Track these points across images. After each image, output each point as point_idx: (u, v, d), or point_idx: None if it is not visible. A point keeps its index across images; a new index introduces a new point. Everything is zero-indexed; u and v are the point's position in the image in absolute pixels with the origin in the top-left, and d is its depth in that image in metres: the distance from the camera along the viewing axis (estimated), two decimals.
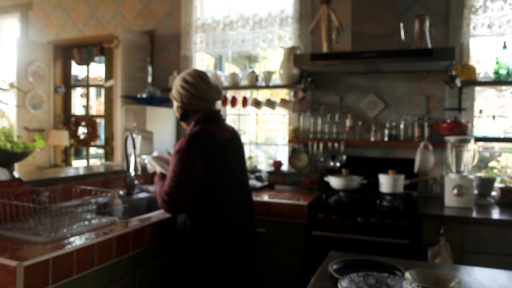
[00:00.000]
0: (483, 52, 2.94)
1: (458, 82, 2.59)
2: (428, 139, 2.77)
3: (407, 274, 1.27)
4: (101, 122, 4.34)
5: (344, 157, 2.92)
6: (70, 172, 2.57)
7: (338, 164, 2.91)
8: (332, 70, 2.98)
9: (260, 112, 3.43)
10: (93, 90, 5.69)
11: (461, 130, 2.62)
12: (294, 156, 3.13)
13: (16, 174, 2.17)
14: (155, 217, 1.97)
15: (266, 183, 3.09)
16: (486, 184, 2.61)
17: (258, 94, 3.42)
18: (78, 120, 4.19)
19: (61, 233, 1.58)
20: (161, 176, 1.96)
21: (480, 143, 2.83)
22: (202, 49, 3.47)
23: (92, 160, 5.01)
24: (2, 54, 4.58)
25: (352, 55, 2.58)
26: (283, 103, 3.13)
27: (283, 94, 3.78)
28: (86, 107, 4.52)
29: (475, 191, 2.61)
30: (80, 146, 4.24)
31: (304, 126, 3.19)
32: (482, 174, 2.96)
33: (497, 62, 2.64)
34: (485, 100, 3.10)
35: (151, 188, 2.70)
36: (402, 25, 2.76)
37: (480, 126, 2.90)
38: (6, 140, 2.08)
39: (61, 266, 1.40)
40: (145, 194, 2.59)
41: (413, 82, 2.93)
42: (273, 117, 4.18)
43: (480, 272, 1.44)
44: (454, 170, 2.57)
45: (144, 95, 3.31)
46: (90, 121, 4.17)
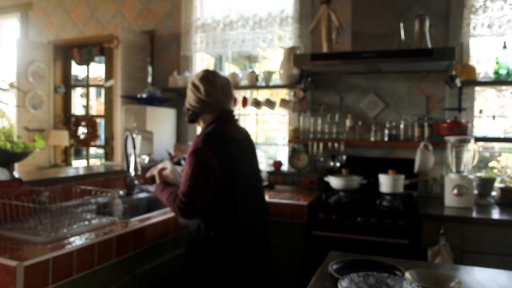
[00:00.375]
0: (483, 52, 2.94)
1: (458, 82, 2.59)
2: (428, 139, 2.77)
3: (407, 274, 1.27)
4: (101, 122, 4.34)
5: (344, 157, 2.92)
6: (70, 172, 2.57)
7: (338, 164, 2.91)
8: (332, 70, 2.98)
9: (260, 112, 3.43)
10: (93, 90, 5.68)
11: (461, 130, 2.62)
12: (294, 156, 3.13)
13: (16, 174, 2.17)
14: (155, 217, 1.97)
15: (266, 183, 3.09)
16: (486, 184, 2.61)
17: (258, 94, 3.42)
18: (78, 120, 4.19)
19: (61, 233, 1.58)
20: (164, 185, 1.86)
21: (480, 143, 2.83)
22: (202, 49, 3.47)
23: (92, 160, 5.01)
24: (2, 54, 4.58)
25: (352, 55, 2.58)
26: (283, 103, 3.14)
27: (283, 94, 3.78)
28: (86, 107, 4.52)
29: (475, 191, 2.61)
30: (80, 146, 4.24)
31: (304, 126, 3.19)
32: (482, 174, 2.96)
33: (497, 62, 2.64)
34: (485, 100, 3.10)
35: (151, 188, 2.70)
36: (402, 25, 2.76)
37: (480, 126, 2.90)
38: (6, 140, 2.08)
39: (61, 266, 1.40)
40: (145, 194, 2.59)
41: (413, 82, 2.93)
42: (273, 117, 4.18)
43: (480, 272, 1.44)
44: (454, 170, 2.57)
45: (144, 95, 3.31)
46: (90, 121, 4.17)
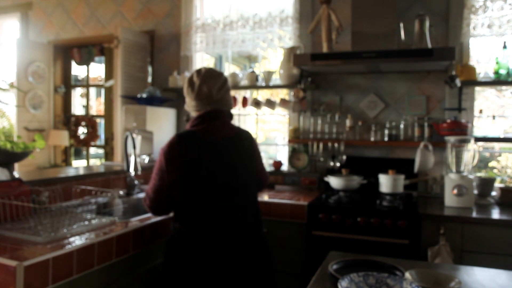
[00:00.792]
0: (483, 52, 2.94)
1: (458, 82, 2.59)
2: (428, 139, 2.77)
3: (407, 274, 1.27)
4: (101, 122, 4.34)
5: (344, 157, 2.92)
6: (70, 172, 2.57)
7: (338, 164, 2.91)
8: (332, 70, 2.98)
9: (260, 112, 3.42)
10: (93, 90, 5.68)
11: (461, 130, 2.62)
12: (294, 156, 3.13)
13: (16, 174, 2.17)
14: (155, 217, 1.97)
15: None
16: (486, 184, 2.61)
17: (258, 94, 3.42)
18: (78, 120, 4.19)
19: (61, 233, 1.58)
20: None
21: (480, 143, 2.83)
22: (202, 49, 3.47)
23: (92, 160, 5.01)
24: (2, 54, 4.58)
25: (352, 55, 2.58)
26: (283, 103, 3.13)
27: (283, 94, 3.78)
28: (86, 107, 4.52)
29: (475, 191, 2.61)
30: (80, 146, 4.24)
31: (304, 126, 3.19)
32: (482, 174, 2.96)
33: (497, 62, 2.64)
34: (485, 100, 3.10)
35: None
36: (402, 25, 2.76)
37: (480, 126, 2.90)
38: (6, 140, 2.08)
39: (61, 266, 1.40)
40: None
41: (413, 82, 2.93)
42: (273, 117, 4.18)
43: (480, 272, 1.44)
44: (454, 170, 2.57)
45: (144, 95, 3.31)
46: (90, 121, 4.17)
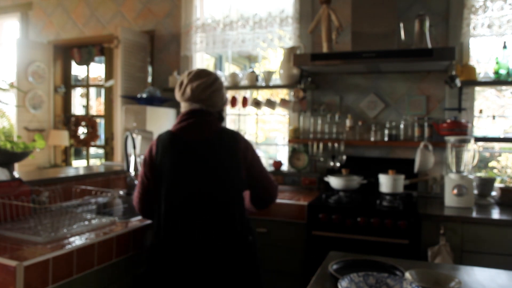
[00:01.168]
0: (483, 52, 2.94)
1: (458, 82, 2.59)
2: (428, 139, 2.77)
3: (407, 274, 1.27)
4: (101, 122, 4.34)
5: (344, 157, 2.92)
6: (70, 172, 2.57)
7: (338, 164, 2.91)
8: (332, 70, 2.98)
9: (260, 112, 3.43)
10: (93, 90, 5.68)
11: (461, 130, 2.62)
12: (294, 156, 3.13)
13: (16, 174, 2.17)
14: None
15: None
16: (486, 184, 2.61)
17: (258, 94, 3.42)
18: (78, 120, 4.19)
19: (61, 233, 1.58)
20: None
21: (480, 143, 2.83)
22: (202, 49, 3.47)
23: (92, 160, 5.01)
24: (2, 54, 4.58)
25: (352, 55, 2.58)
26: (283, 103, 3.13)
27: (283, 94, 3.78)
28: (86, 107, 4.52)
29: (475, 191, 2.61)
30: (80, 146, 4.24)
31: (304, 126, 3.19)
32: (482, 174, 2.96)
33: (497, 62, 2.64)
34: (485, 100, 3.10)
35: None
36: (402, 25, 2.76)
37: (480, 126, 2.90)
38: (6, 140, 2.08)
39: (61, 266, 1.40)
40: None
41: (413, 82, 2.93)
42: (273, 117, 4.18)
43: (480, 272, 1.44)
44: (454, 170, 2.57)
45: (144, 95, 3.31)
46: (90, 121, 4.17)
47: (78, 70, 4.89)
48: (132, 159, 2.56)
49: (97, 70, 4.87)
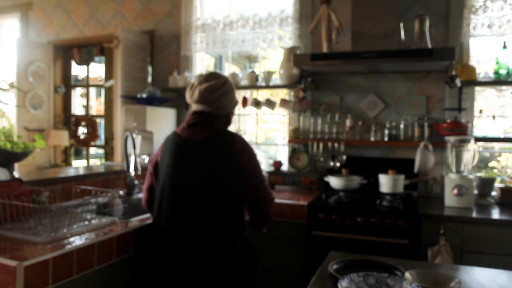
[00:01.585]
0: (483, 52, 2.94)
1: (458, 82, 2.59)
2: (428, 139, 2.77)
3: (407, 274, 1.27)
4: (101, 122, 4.34)
5: (344, 157, 2.92)
6: (70, 172, 2.57)
7: (338, 164, 2.91)
8: (332, 70, 2.98)
9: (260, 112, 3.43)
10: (93, 90, 5.68)
11: (461, 130, 2.62)
12: (294, 156, 3.13)
13: (16, 174, 2.17)
14: None
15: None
16: (486, 184, 2.61)
17: (258, 94, 3.42)
18: (78, 120, 4.19)
19: (61, 233, 1.58)
20: None
21: (480, 143, 2.83)
22: (202, 49, 3.47)
23: (92, 160, 5.01)
24: (2, 54, 4.58)
25: (352, 55, 2.58)
26: (283, 103, 3.13)
27: (283, 94, 3.78)
28: (86, 107, 4.52)
29: (475, 191, 2.61)
30: (80, 146, 4.24)
31: (304, 126, 3.19)
32: (482, 174, 2.96)
33: (497, 62, 2.64)
34: (485, 100, 3.10)
35: None
36: (402, 25, 2.76)
37: (480, 126, 2.90)
38: (6, 140, 2.08)
39: (61, 266, 1.40)
40: None
41: (413, 82, 2.93)
42: (273, 117, 4.18)
43: (480, 272, 1.44)
44: (454, 170, 2.57)
45: (144, 95, 3.31)
46: (90, 121, 4.17)
47: (78, 70, 4.89)
48: (132, 159, 2.56)
49: (97, 70, 4.87)
